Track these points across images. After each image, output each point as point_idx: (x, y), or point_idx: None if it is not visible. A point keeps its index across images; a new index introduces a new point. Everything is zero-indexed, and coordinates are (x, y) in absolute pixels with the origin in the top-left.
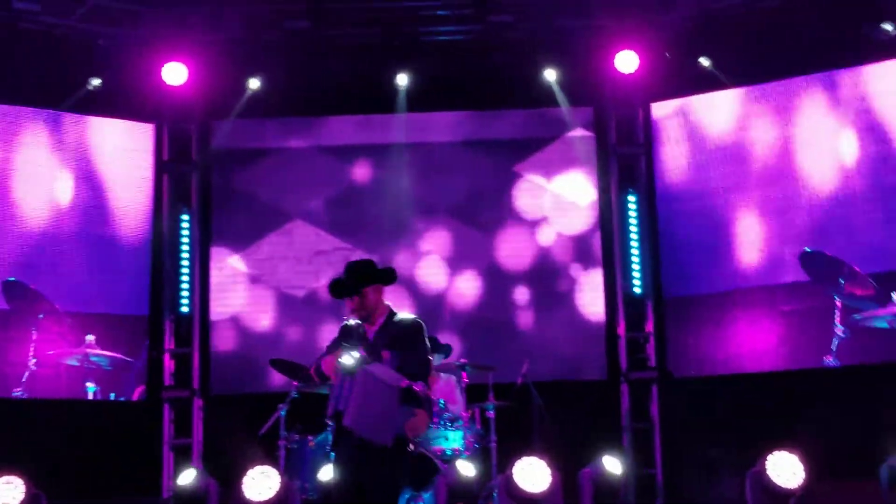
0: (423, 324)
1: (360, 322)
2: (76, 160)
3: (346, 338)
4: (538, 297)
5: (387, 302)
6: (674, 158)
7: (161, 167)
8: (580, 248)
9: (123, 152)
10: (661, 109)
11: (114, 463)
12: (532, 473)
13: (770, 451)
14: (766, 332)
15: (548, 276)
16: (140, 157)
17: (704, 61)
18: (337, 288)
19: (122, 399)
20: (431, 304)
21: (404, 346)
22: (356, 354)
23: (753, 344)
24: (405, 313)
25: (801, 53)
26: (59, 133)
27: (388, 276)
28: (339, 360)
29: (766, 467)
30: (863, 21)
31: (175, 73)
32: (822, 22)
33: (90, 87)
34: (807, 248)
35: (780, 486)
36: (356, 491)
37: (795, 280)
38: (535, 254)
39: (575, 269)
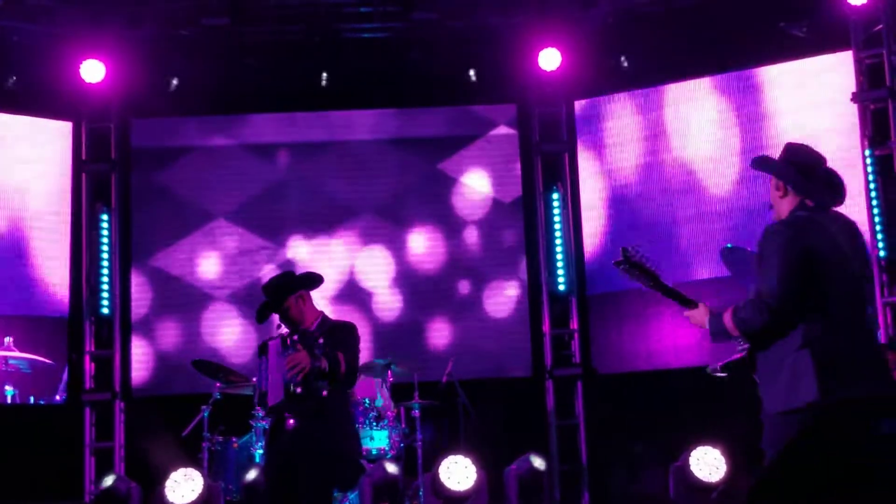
0: (355, 326)
1: (281, 335)
2: None
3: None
4: (462, 296)
5: (319, 308)
6: (596, 157)
7: (79, 166)
8: (504, 246)
9: (41, 151)
10: (584, 107)
11: (35, 467)
12: (458, 471)
13: (693, 445)
14: (688, 328)
15: (472, 274)
16: (58, 156)
17: (625, 61)
18: (261, 313)
19: (42, 402)
20: (356, 303)
21: (335, 344)
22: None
23: (676, 339)
24: (340, 320)
25: (718, 51)
26: None
27: (309, 281)
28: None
29: (689, 462)
30: (778, 20)
31: (93, 71)
32: (738, 20)
33: (6, 85)
34: (727, 245)
35: (702, 480)
36: (286, 493)
37: (716, 276)
38: (460, 251)
39: (499, 267)
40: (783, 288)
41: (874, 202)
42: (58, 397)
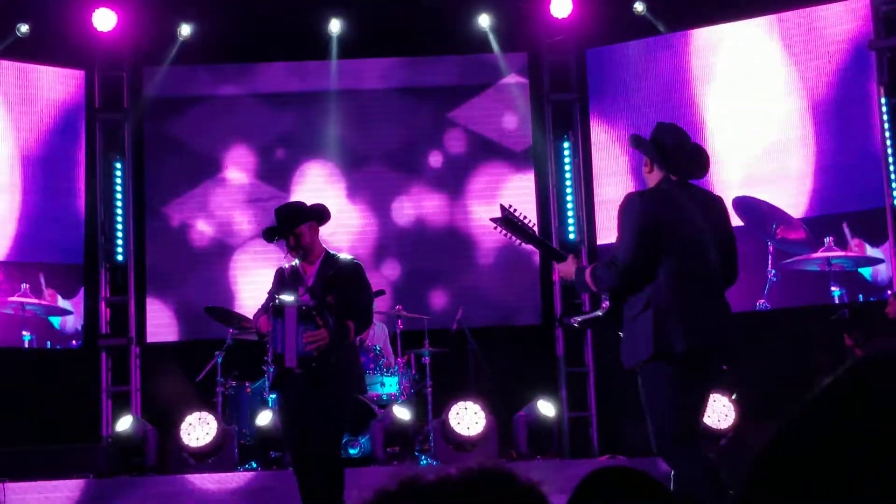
0: (362, 265)
1: (294, 264)
2: (6, 108)
3: (283, 285)
4: (472, 244)
5: (323, 244)
6: (609, 105)
7: (92, 115)
8: (515, 195)
9: (54, 100)
10: (596, 55)
11: (52, 410)
12: (467, 417)
13: None
14: None
15: (482, 223)
16: (71, 105)
17: (639, 6)
18: (270, 232)
19: (58, 347)
20: (365, 251)
21: (346, 289)
22: (292, 297)
23: None
24: (343, 254)
25: None
26: None
27: (321, 213)
28: (280, 298)
29: None
30: None
31: (104, 19)
32: None
33: (18, 34)
34: (741, 194)
35: (710, 427)
36: (298, 435)
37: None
38: (469, 200)
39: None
40: (630, 253)
41: (889, 150)
42: (74, 343)
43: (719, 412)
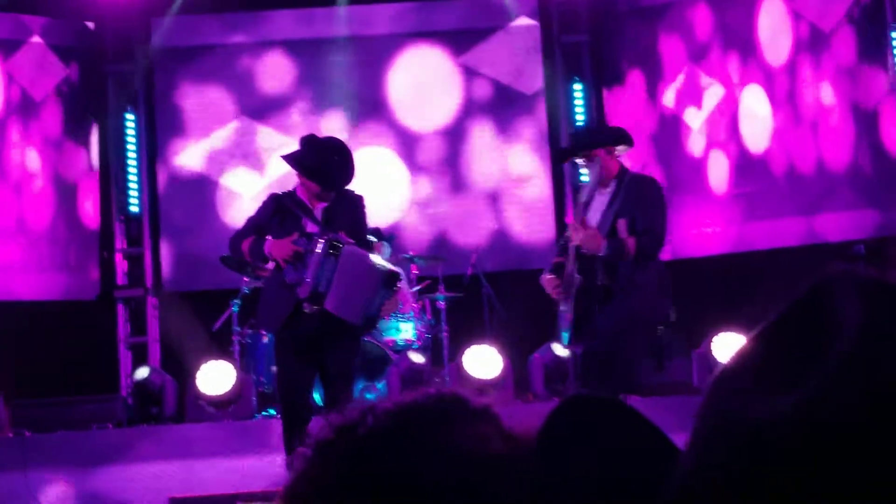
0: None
1: (292, 191)
2: (16, 62)
3: (282, 213)
4: (485, 189)
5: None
6: (617, 47)
7: (103, 66)
8: (529, 138)
9: (64, 52)
10: None
11: (70, 362)
12: (483, 360)
13: (715, 332)
14: (711, 217)
15: (494, 168)
16: (81, 57)
17: None
18: (334, 179)
19: (75, 299)
20: (377, 199)
21: (358, 222)
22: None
23: (699, 228)
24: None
25: None
26: None
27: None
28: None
29: (711, 348)
30: None
31: None
32: None
33: None
34: None
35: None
36: (310, 379)
37: None
38: (481, 146)
39: (524, 160)
40: (665, 228)
41: None
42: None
43: (733, 350)
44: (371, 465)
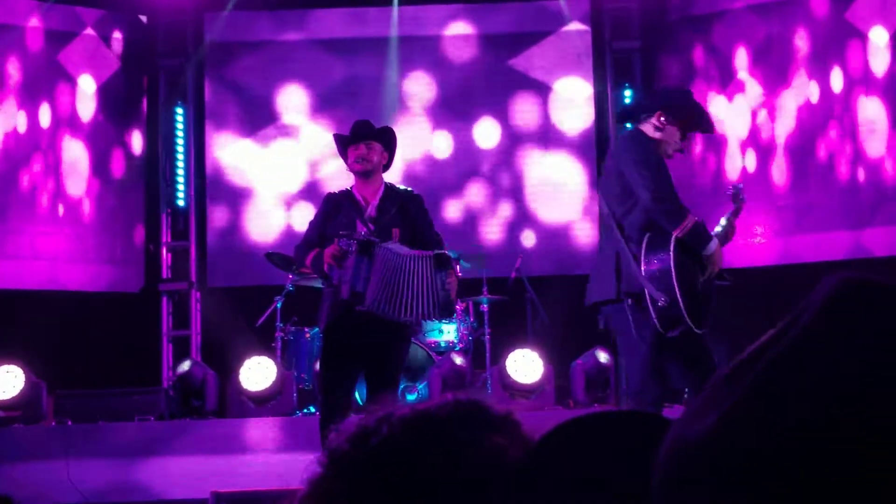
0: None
1: (349, 189)
2: (69, 53)
3: (338, 211)
4: (534, 193)
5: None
6: (671, 55)
7: (154, 60)
8: (577, 144)
9: (118, 45)
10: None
11: (114, 353)
12: (525, 365)
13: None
14: (752, 225)
15: (544, 172)
16: (133, 50)
17: None
18: (363, 126)
19: (120, 291)
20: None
21: (417, 222)
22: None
23: (740, 235)
24: (402, 186)
25: None
26: (50, 24)
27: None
28: (368, 235)
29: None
30: None
31: None
32: None
33: None
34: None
35: None
36: (352, 380)
37: None
38: (528, 149)
39: (569, 164)
40: None
41: None
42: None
43: None
44: (383, 476)
